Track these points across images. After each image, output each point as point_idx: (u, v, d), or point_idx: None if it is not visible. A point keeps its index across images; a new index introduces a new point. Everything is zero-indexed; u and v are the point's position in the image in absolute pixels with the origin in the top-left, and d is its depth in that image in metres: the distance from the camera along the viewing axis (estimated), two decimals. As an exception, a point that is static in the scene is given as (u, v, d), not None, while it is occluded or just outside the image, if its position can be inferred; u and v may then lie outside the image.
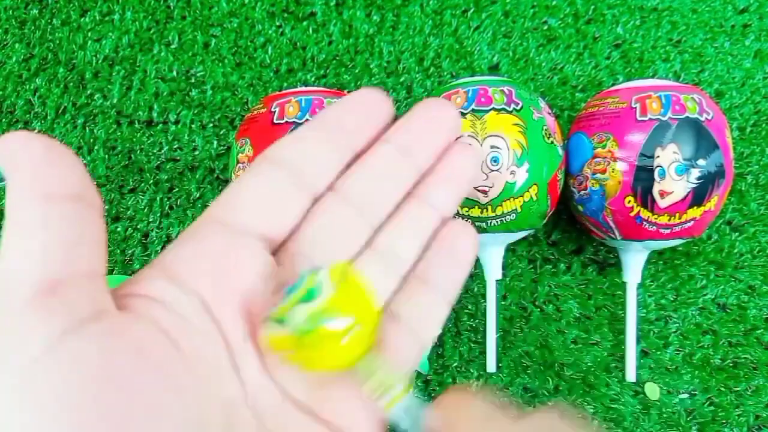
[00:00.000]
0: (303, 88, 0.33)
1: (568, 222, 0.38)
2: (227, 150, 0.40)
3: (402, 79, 0.41)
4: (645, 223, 0.32)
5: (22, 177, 0.14)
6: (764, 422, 0.36)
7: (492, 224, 0.32)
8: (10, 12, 0.43)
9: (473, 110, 0.31)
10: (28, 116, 0.42)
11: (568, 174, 0.34)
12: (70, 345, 0.13)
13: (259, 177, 0.19)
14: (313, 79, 0.41)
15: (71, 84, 0.42)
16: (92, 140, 0.41)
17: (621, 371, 0.36)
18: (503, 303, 0.38)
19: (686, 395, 0.36)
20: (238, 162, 0.32)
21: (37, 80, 0.42)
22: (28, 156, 0.14)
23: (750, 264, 0.38)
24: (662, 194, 0.31)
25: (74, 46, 0.42)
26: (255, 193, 0.19)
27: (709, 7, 0.42)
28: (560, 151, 0.33)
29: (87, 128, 0.41)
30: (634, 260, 0.34)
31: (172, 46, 0.42)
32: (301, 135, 0.21)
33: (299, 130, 0.21)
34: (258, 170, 0.20)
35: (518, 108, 0.31)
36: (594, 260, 0.38)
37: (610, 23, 0.41)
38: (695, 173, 0.30)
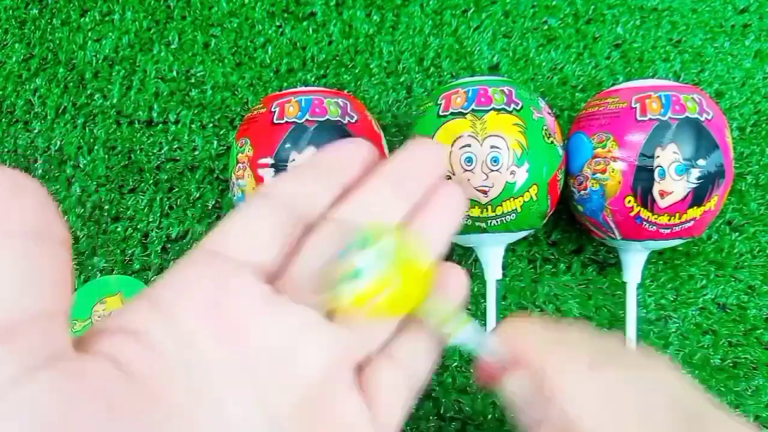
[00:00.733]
0: (303, 88, 0.33)
1: (568, 222, 0.38)
2: (227, 150, 0.40)
3: (402, 79, 0.41)
4: (645, 223, 0.32)
5: None
6: (764, 422, 0.36)
7: (492, 224, 0.32)
8: (10, 12, 0.43)
9: (473, 110, 0.31)
10: (28, 116, 0.42)
11: (568, 174, 0.34)
12: (20, 394, 0.13)
13: (251, 210, 0.20)
14: (313, 79, 0.41)
15: (71, 84, 0.42)
16: (92, 140, 0.41)
17: (621, 371, 0.36)
18: (503, 303, 0.38)
19: (686, 395, 0.36)
20: (238, 162, 0.32)
21: (37, 80, 0.42)
22: None
23: (750, 264, 0.38)
24: (662, 194, 0.31)
25: (74, 46, 0.42)
26: (247, 224, 0.19)
27: (709, 7, 0.42)
28: (560, 151, 0.33)
29: (87, 128, 0.41)
30: (634, 260, 0.34)
31: (172, 46, 0.42)
32: (293, 173, 0.21)
33: (292, 170, 0.21)
34: (250, 204, 0.20)
35: (518, 108, 0.31)
36: (594, 260, 0.38)
37: (610, 23, 0.41)
38: (695, 173, 0.30)
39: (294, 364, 0.18)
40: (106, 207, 0.40)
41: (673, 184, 0.30)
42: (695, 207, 0.31)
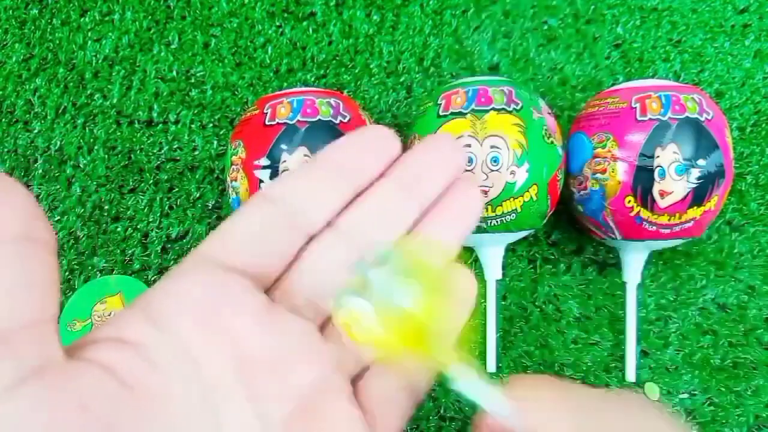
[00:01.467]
0: (296, 89, 0.33)
1: (568, 222, 0.38)
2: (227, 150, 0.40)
3: (402, 79, 0.41)
4: (645, 223, 0.32)
5: None
6: (764, 422, 0.36)
7: (492, 224, 0.32)
8: (10, 12, 0.43)
9: (473, 110, 0.31)
10: (28, 116, 0.42)
11: (568, 174, 0.34)
12: (5, 406, 0.12)
13: (252, 214, 0.19)
14: (313, 79, 0.41)
15: (71, 84, 0.42)
16: (92, 140, 0.41)
17: (621, 371, 0.36)
18: (503, 303, 0.38)
19: (686, 395, 0.36)
20: (232, 164, 0.32)
21: (37, 80, 0.42)
22: None
23: (750, 264, 0.38)
24: (662, 194, 0.31)
25: (74, 46, 0.42)
26: (246, 230, 0.19)
27: (709, 7, 0.42)
28: (560, 151, 0.33)
29: (87, 128, 0.41)
30: (634, 260, 0.34)
31: (172, 46, 0.42)
32: (301, 172, 0.20)
33: (300, 168, 0.20)
34: (251, 207, 0.19)
35: (518, 108, 0.31)
36: (594, 260, 0.38)
37: (610, 23, 0.41)
38: (695, 173, 0.30)
39: (291, 374, 0.18)
40: (106, 207, 0.40)
41: (673, 184, 0.30)
42: (695, 207, 0.31)
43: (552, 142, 0.32)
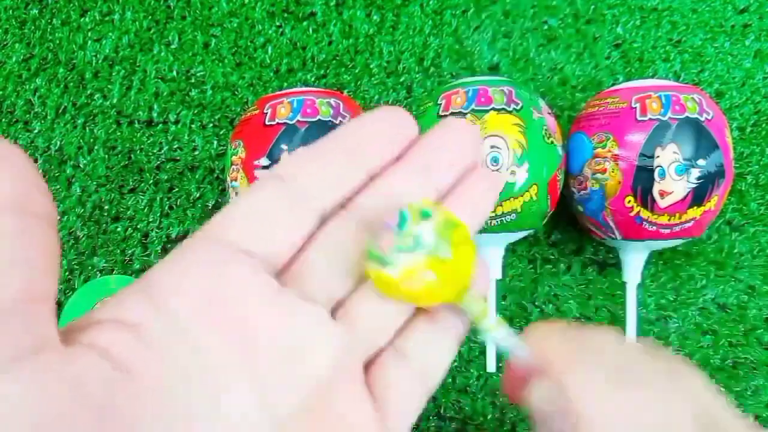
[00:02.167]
0: (296, 89, 0.33)
1: (568, 222, 0.38)
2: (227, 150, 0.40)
3: (402, 79, 0.41)
4: (645, 223, 0.32)
5: None
6: (764, 422, 0.36)
7: (492, 224, 0.32)
8: (10, 12, 0.43)
9: (473, 110, 0.31)
10: (28, 116, 0.42)
11: (568, 174, 0.34)
12: None
13: (262, 194, 0.18)
14: (313, 79, 0.41)
15: (71, 84, 0.42)
16: (92, 140, 0.41)
17: (621, 371, 0.36)
18: (503, 303, 0.38)
19: (686, 395, 0.36)
20: (232, 164, 0.32)
21: (37, 80, 0.42)
22: None
23: (750, 264, 0.38)
24: (662, 194, 0.31)
25: (74, 46, 0.42)
26: (255, 210, 0.18)
27: (709, 7, 0.42)
28: (560, 151, 0.33)
29: (87, 128, 0.41)
30: (634, 260, 0.34)
31: (172, 46, 0.42)
32: (314, 151, 0.19)
33: (313, 146, 0.19)
34: (262, 187, 0.18)
35: (518, 108, 0.31)
36: (594, 260, 0.38)
37: (610, 23, 0.41)
38: (695, 173, 0.30)
39: (301, 363, 0.17)
40: (106, 207, 0.40)
41: (673, 184, 0.30)
42: (695, 207, 0.31)
43: (552, 142, 0.32)
